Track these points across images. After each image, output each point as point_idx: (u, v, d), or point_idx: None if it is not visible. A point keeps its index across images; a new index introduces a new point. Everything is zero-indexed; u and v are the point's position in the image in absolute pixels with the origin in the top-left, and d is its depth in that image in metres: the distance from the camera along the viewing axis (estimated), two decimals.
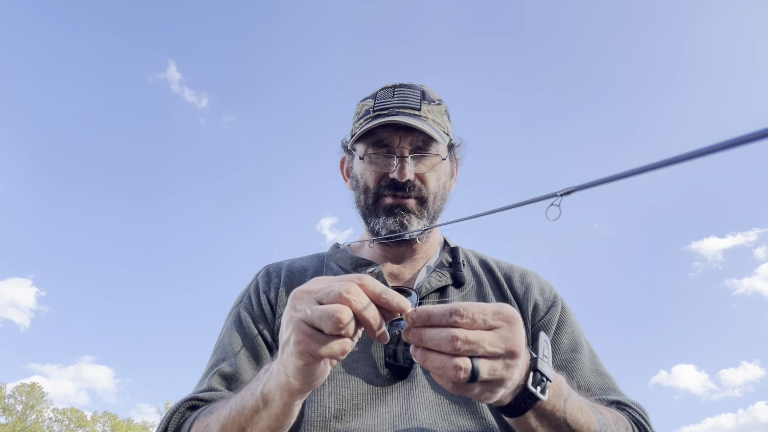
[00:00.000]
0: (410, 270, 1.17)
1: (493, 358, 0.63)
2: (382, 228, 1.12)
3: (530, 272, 1.20)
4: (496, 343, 0.63)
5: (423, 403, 0.93)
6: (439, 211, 1.18)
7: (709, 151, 0.41)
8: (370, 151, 1.13)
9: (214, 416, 0.83)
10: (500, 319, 0.64)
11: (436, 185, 1.14)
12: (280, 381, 0.70)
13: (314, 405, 0.94)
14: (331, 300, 0.62)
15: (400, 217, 1.11)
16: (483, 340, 0.62)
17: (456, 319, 0.62)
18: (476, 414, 0.94)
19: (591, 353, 1.09)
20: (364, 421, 0.92)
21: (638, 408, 0.96)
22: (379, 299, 0.63)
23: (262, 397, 0.73)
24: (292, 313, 0.65)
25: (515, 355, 0.64)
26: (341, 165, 1.30)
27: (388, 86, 1.18)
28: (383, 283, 1.09)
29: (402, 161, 1.10)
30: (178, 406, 0.93)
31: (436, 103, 1.17)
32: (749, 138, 0.40)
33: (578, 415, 0.78)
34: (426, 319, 0.63)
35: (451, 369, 0.61)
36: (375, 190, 1.13)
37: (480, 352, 0.62)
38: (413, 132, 1.10)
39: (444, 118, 1.18)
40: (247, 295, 1.18)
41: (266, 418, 0.74)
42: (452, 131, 1.22)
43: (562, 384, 0.78)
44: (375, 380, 0.97)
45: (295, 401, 0.72)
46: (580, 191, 0.54)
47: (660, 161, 0.46)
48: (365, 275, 0.64)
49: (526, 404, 0.72)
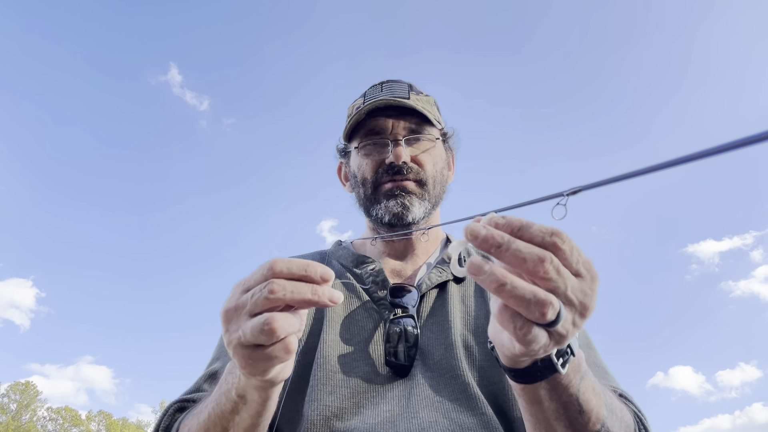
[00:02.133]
0: (411, 266, 1.17)
1: (569, 306, 0.53)
2: (385, 213, 1.11)
3: None
4: (577, 291, 0.53)
5: (423, 401, 0.93)
6: (440, 197, 1.18)
7: (714, 152, 0.41)
8: (364, 141, 1.15)
9: (194, 420, 0.82)
10: (588, 270, 0.55)
11: (433, 168, 1.15)
12: (250, 383, 0.69)
13: (315, 404, 0.94)
14: (260, 308, 0.57)
15: (401, 199, 1.10)
16: (570, 278, 0.53)
17: (555, 240, 0.52)
18: (477, 411, 0.93)
19: (588, 346, 1.08)
20: (364, 419, 0.91)
21: (635, 404, 0.94)
22: (303, 278, 0.59)
23: (240, 398, 0.72)
24: (227, 338, 0.61)
25: (585, 314, 0.55)
26: (339, 171, 1.30)
27: (376, 84, 1.20)
28: (384, 281, 1.11)
29: (396, 145, 1.11)
30: (168, 408, 0.93)
31: (425, 94, 1.19)
32: (753, 139, 0.41)
33: (590, 396, 0.71)
34: (517, 229, 0.53)
35: (540, 301, 0.50)
36: (373, 179, 1.14)
37: (561, 290, 0.52)
38: (405, 116, 1.12)
39: (434, 108, 1.19)
40: None
41: (247, 417, 0.74)
42: (443, 122, 1.23)
43: (582, 360, 0.70)
44: (375, 379, 0.97)
45: (271, 394, 0.72)
46: (586, 191, 0.54)
47: (666, 161, 0.46)
48: (276, 261, 0.59)
49: (542, 374, 0.64)
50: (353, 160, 1.19)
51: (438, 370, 0.97)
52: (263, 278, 0.59)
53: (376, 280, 1.11)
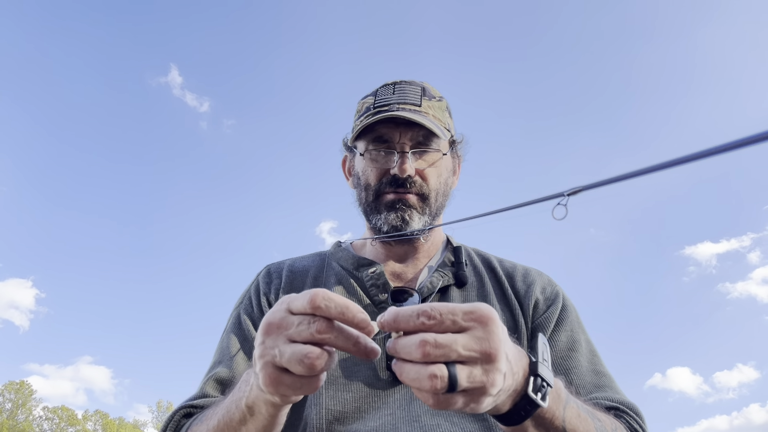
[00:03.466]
0: (412, 269, 1.16)
1: (471, 363, 0.57)
2: (384, 224, 1.11)
3: (533, 270, 1.18)
4: (470, 346, 0.56)
5: (425, 405, 0.92)
6: (441, 208, 1.17)
7: (715, 152, 0.42)
8: (371, 148, 1.13)
9: (203, 426, 0.82)
10: (472, 320, 0.57)
11: (437, 181, 1.13)
12: (262, 396, 0.68)
13: (316, 408, 0.94)
14: (302, 339, 0.58)
15: (401, 212, 1.10)
16: (455, 342, 0.56)
17: (423, 321, 0.57)
18: (479, 415, 0.92)
19: (590, 352, 1.07)
20: (366, 423, 0.91)
21: (634, 413, 0.93)
22: (340, 319, 0.59)
23: (248, 409, 0.73)
24: (261, 350, 0.61)
25: (492, 359, 0.57)
26: (343, 164, 1.29)
27: (388, 83, 1.17)
28: (385, 284, 1.10)
29: (402, 157, 1.09)
30: (174, 414, 0.93)
31: (437, 99, 1.17)
32: (751, 140, 0.41)
33: (577, 423, 0.74)
34: (393, 323, 0.59)
35: (426, 378, 0.54)
36: (376, 187, 1.13)
37: (453, 356, 0.55)
38: (414, 127, 1.10)
39: (445, 114, 1.17)
40: (247, 296, 1.17)
41: (254, 429, 0.74)
42: (454, 128, 1.21)
43: (561, 389, 0.73)
44: (376, 383, 0.97)
45: (279, 412, 0.72)
46: (586, 191, 0.54)
47: (665, 162, 0.47)
48: (317, 294, 0.58)
49: (526, 412, 0.66)
50: (358, 161, 1.18)
51: None
52: (303, 310, 0.59)
53: (377, 284, 1.10)
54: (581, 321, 1.13)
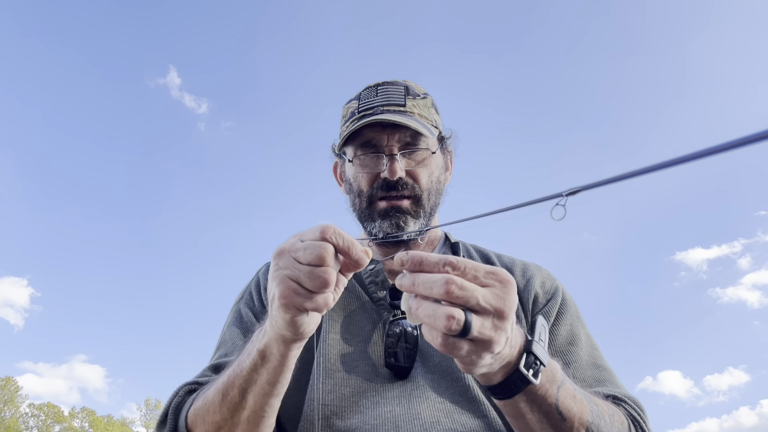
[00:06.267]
0: None
1: (484, 315, 0.61)
2: (379, 232, 1.10)
3: (532, 265, 1.18)
4: (488, 299, 0.61)
5: (425, 402, 0.93)
6: (435, 206, 1.16)
7: (712, 152, 0.42)
8: (359, 153, 1.12)
9: (212, 389, 0.83)
10: (493, 279, 0.62)
11: (428, 180, 1.12)
12: (274, 334, 0.72)
13: (315, 402, 0.94)
14: (309, 262, 0.64)
15: (395, 219, 1.09)
16: (476, 290, 0.60)
17: (448, 269, 0.61)
18: (480, 412, 0.93)
19: (590, 346, 1.07)
20: (365, 419, 0.92)
21: (635, 404, 0.93)
22: (343, 254, 0.66)
23: (259, 353, 0.75)
24: (275, 270, 0.67)
25: (504, 316, 0.61)
26: (334, 170, 1.28)
27: (371, 85, 1.17)
28: (383, 281, 1.12)
29: (391, 159, 1.08)
30: (178, 390, 0.93)
31: (422, 96, 1.15)
32: (750, 139, 0.42)
33: (571, 404, 0.75)
34: (418, 264, 0.62)
35: (443, 317, 0.58)
36: (368, 193, 1.11)
37: (472, 302, 0.59)
38: (400, 129, 1.09)
39: (431, 111, 1.16)
40: (248, 291, 1.17)
41: (265, 374, 0.76)
42: (441, 123, 1.20)
43: (557, 370, 0.75)
44: (375, 378, 0.97)
45: (290, 352, 0.74)
46: (585, 192, 0.55)
47: (664, 161, 0.47)
48: (328, 228, 0.66)
49: (516, 386, 0.70)
50: (348, 167, 1.17)
51: (438, 372, 0.98)
52: (314, 239, 0.65)
53: (376, 281, 1.11)
54: (581, 315, 1.13)
